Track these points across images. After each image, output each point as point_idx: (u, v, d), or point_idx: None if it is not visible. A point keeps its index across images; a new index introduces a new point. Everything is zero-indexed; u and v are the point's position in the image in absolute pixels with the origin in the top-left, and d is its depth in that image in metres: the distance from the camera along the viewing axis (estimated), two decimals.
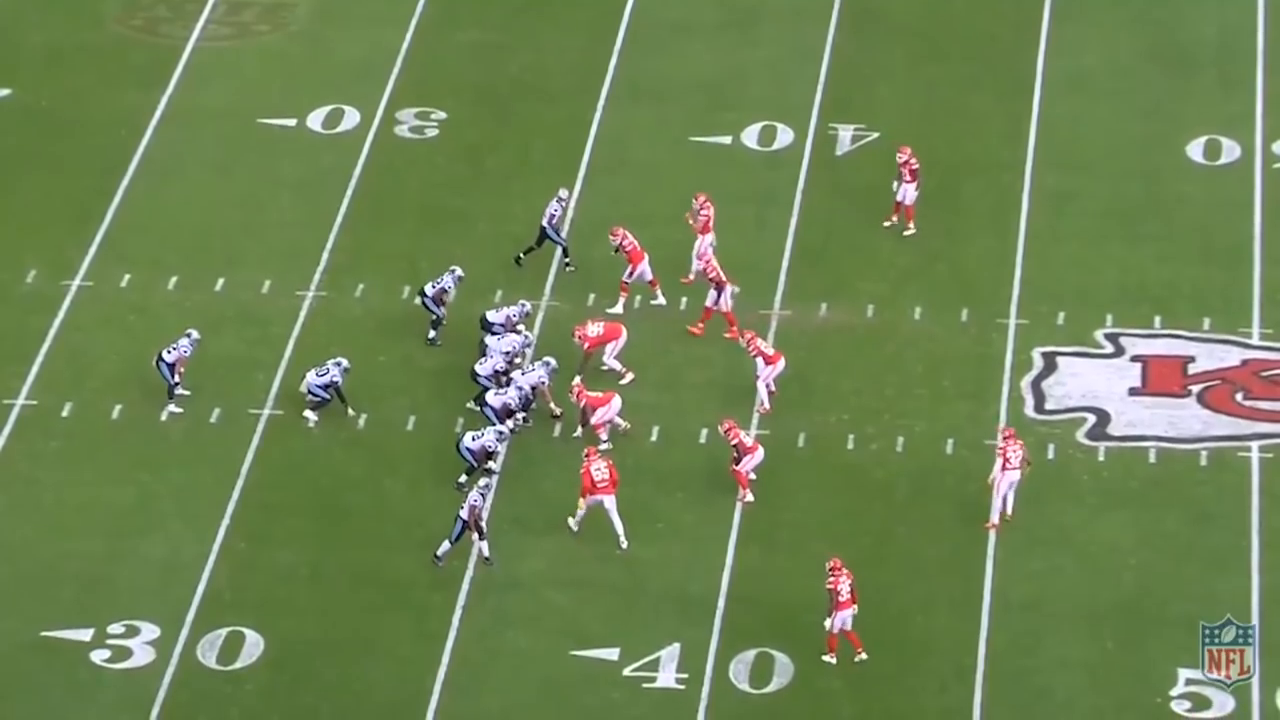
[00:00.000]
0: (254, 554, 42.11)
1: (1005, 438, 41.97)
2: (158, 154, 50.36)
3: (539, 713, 39.48)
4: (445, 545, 41.28)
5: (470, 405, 43.97)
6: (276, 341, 46.00)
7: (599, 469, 41.62)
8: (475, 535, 41.19)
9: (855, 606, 39.36)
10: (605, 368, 44.72)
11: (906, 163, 46.96)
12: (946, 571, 41.34)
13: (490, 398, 43.50)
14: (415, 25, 53.39)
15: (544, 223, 46.71)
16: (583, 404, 43.58)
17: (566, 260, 47.03)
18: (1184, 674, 39.33)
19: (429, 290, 45.42)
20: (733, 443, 42.48)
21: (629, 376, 44.69)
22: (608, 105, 51.24)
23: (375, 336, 46.04)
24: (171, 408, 44.27)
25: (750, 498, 42.47)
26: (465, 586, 41.36)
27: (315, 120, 51.15)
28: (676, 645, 40.25)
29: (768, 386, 44.09)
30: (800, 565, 41.57)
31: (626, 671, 39.91)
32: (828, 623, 39.44)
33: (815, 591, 40.84)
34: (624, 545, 41.74)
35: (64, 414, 44.72)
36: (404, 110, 51.31)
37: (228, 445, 43.98)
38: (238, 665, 40.28)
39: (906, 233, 47.43)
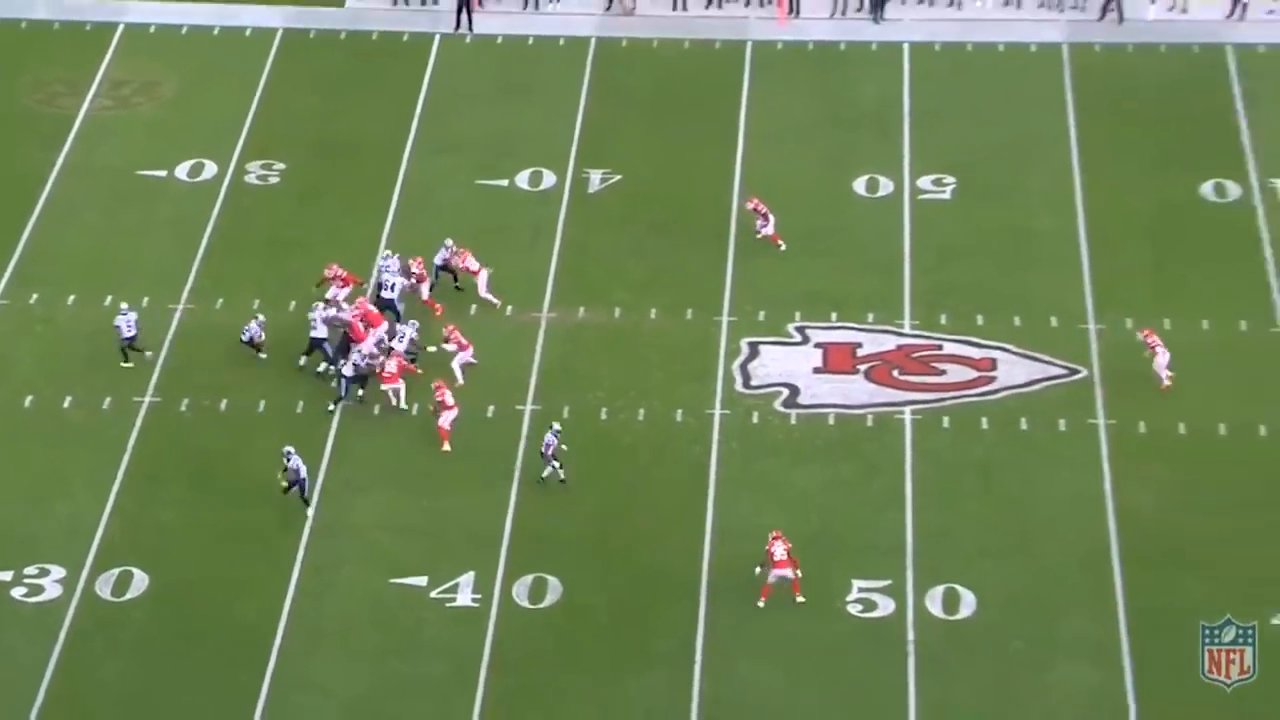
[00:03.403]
0: (140, 512, 41.91)
1: (1147, 336, 43.64)
2: (58, 200, 49.76)
3: (367, 629, 39.58)
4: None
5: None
6: (155, 343, 45.60)
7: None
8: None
9: (791, 568, 39.17)
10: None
11: (756, 207, 47.10)
12: (678, 513, 41.72)
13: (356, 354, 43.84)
14: (259, 96, 53.00)
15: (436, 261, 46.32)
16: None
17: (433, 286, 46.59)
18: (856, 584, 39.96)
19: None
20: (437, 399, 42.50)
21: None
22: (412, 157, 51.11)
23: (230, 340, 45.64)
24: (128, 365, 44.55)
25: (448, 448, 42.53)
26: (306, 534, 41.37)
27: (181, 171, 50.70)
28: (471, 573, 40.47)
29: (461, 367, 44.21)
30: (566, 510, 41.85)
31: (433, 594, 40.10)
32: (758, 570, 39.50)
33: (578, 530, 41.29)
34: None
35: None
36: (252, 162, 50.94)
37: (118, 426, 43.67)
38: (128, 597, 40.12)
39: (781, 248, 47.38)
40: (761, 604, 39.38)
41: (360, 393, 43.71)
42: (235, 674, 38.59)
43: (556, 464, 41.73)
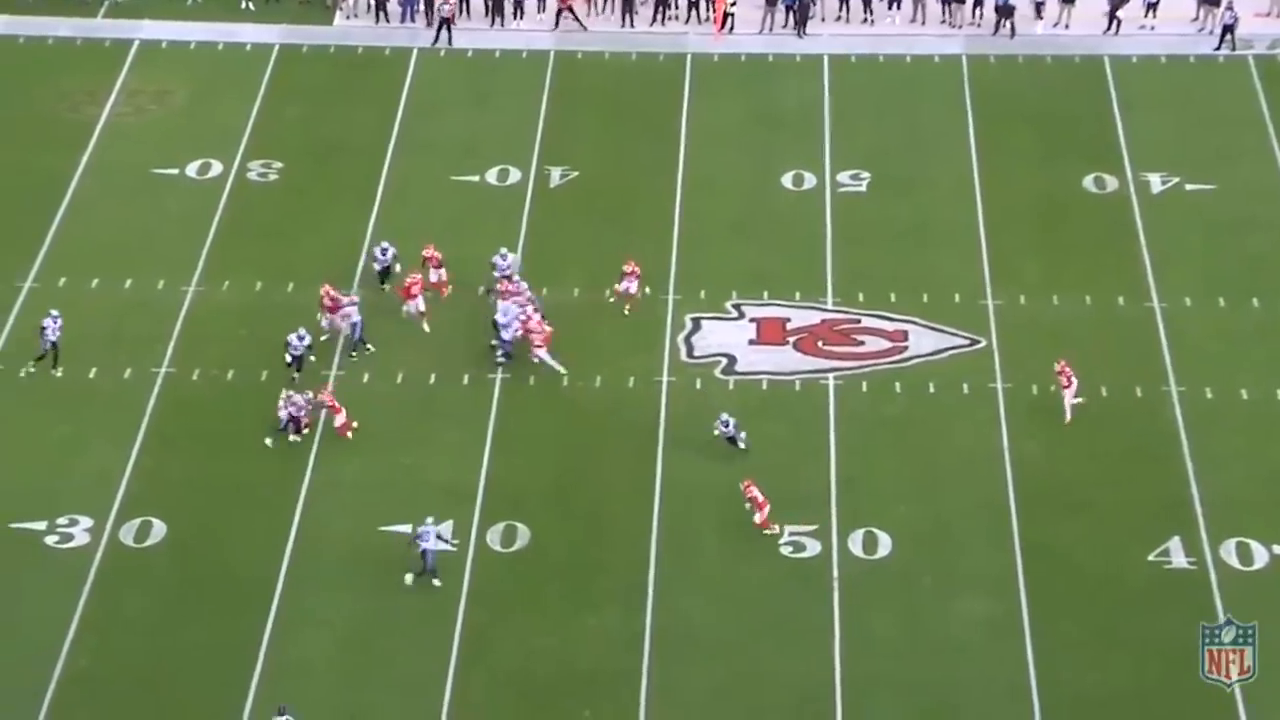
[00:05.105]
0: (158, 468, 41.55)
1: (1062, 369, 42.01)
2: (82, 196, 49.17)
3: (357, 569, 39.41)
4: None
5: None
6: (169, 321, 45.19)
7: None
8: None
9: (768, 506, 39.25)
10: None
11: (633, 271, 45.50)
12: (631, 468, 41.51)
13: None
14: (259, 103, 52.49)
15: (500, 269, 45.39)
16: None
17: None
18: (787, 529, 39.89)
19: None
20: (328, 404, 41.47)
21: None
22: (393, 157, 50.72)
23: (235, 317, 45.40)
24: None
25: (349, 436, 41.79)
26: (304, 488, 41.04)
27: (191, 170, 50.19)
28: (450, 522, 40.20)
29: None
30: (532, 466, 41.66)
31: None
32: (756, 517, 39.40)
33: (543, 484, 41.07)
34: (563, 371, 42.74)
35: (21, 375, 43.72)
36: (253, 161, 50.46)
37: (137, 394, 43.23)
38: (148, 544, 39.75)
39: (626, 311, 45.45)
40: (770, 531, 39.34)
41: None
42: (243, 611, 38.37)
43: (741, 437, 41.12)
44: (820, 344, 44.73)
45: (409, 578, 38.71)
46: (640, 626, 38.08)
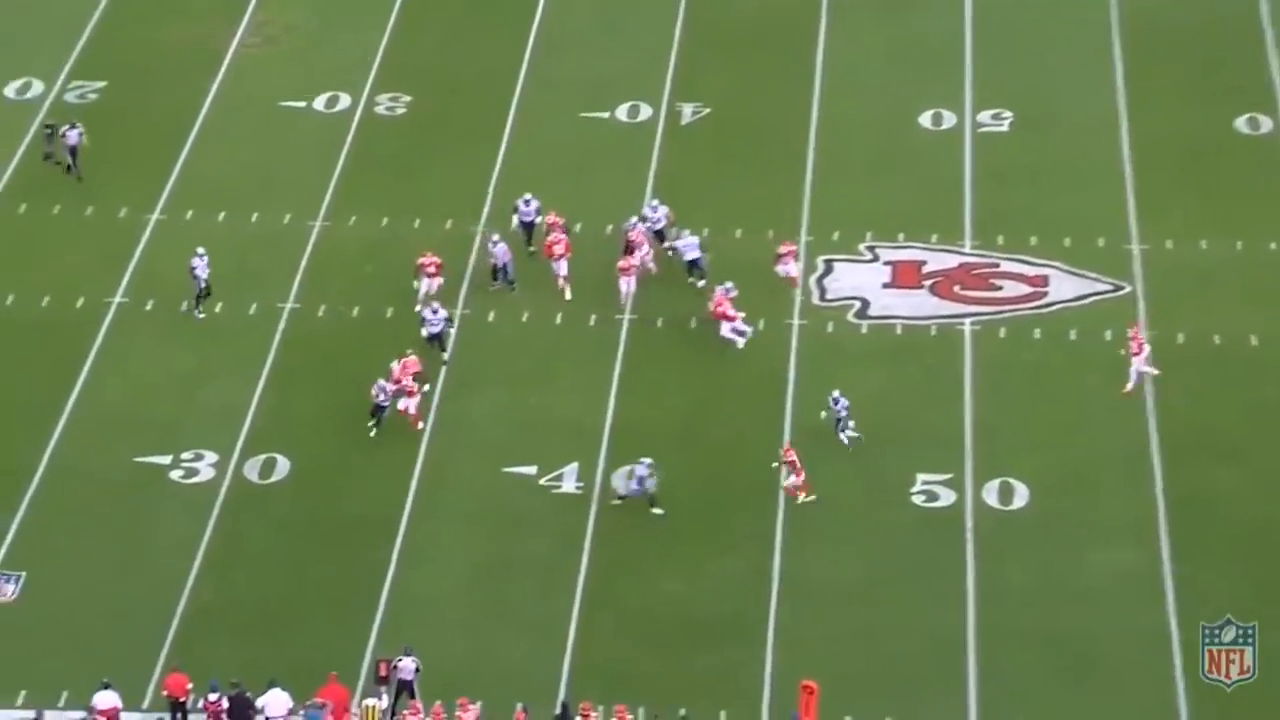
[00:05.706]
0: (282, 403, 41.62)
1: (1134, 335, 40.80)
2: (210, 127, 49.29)
3: (483, 514, 39.24)
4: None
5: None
6: (295, 255, 45.23)
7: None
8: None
9: (804, 474, 38.54)
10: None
11: (790, 251, 43.96)
12: (758, 410, 41.01)
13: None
14: (388, 35, 52.36)
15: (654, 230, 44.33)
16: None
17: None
18: (920, 477, 39.24)
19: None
20: (404, 386, 40.28)
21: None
22: (522, 92, 50.38)
23: (361, 253, 45.36)
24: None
25: (421, 426, 40.52)
26: (429, 426, 40.91)
27: (319, 103, 50.13)
28: (575, 464, 39.97)
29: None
30: (659, 408, 41.27)
31: (541, 482, 39.66)
32: (789, 480, 38.68)
33: (670, 427, 40.66)
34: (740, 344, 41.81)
35: (147, 308, 43.94)
36: (381, 95, 50.32)
37: (263, 328, 43.31)
38: (272, 480, 39.86)
39: (796, 290, 44.11)
40: (808, 497, 38.69)
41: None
42: (367, 548, 38.29)
43: (851, 428, 39.86)
44: (957, 288, 43.90)
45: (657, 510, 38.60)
46: (768, 571, 37.60)
